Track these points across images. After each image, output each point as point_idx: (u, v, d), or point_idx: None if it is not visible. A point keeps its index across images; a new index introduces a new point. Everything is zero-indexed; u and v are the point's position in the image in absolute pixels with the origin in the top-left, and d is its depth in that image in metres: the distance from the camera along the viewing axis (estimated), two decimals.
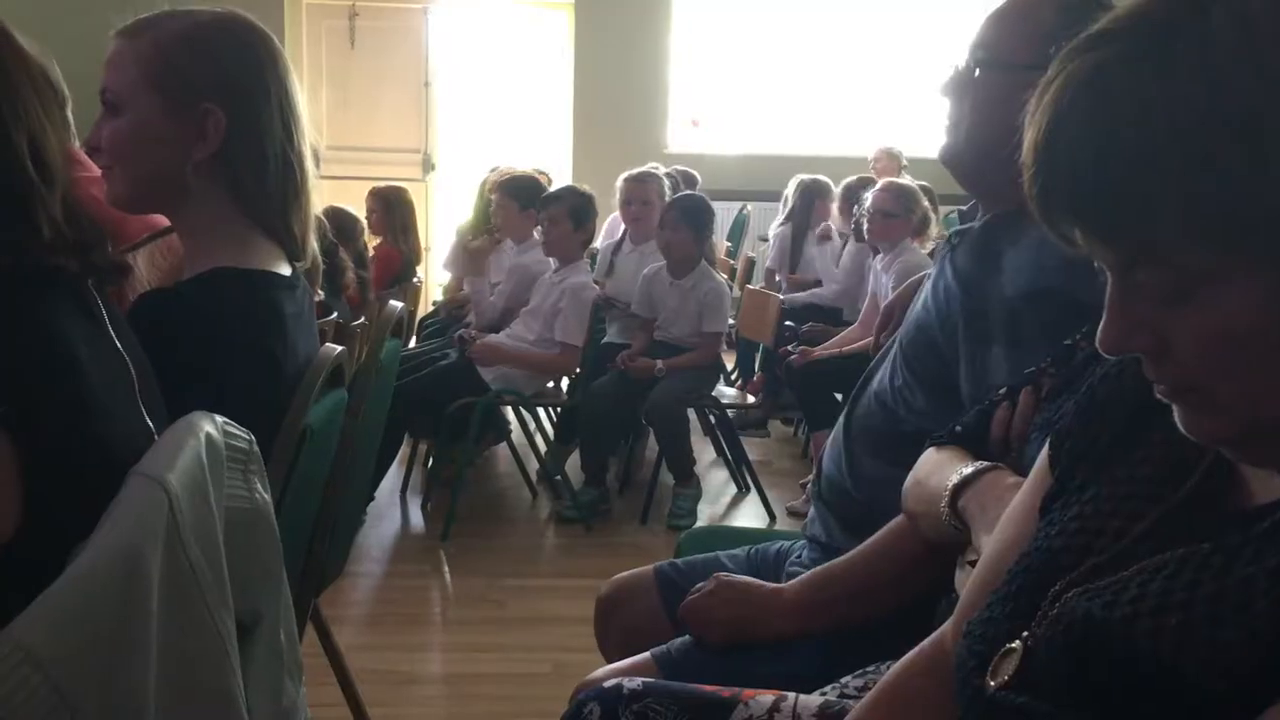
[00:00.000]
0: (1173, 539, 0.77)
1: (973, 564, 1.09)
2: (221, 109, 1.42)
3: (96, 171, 1.50)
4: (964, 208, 1.95)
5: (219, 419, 1.07)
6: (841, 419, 1.69)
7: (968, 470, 1.19)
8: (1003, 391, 1.29)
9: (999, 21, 1.52)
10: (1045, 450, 0.99)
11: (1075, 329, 1.30)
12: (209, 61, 1.43)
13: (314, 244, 1.61)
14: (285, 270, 1.50)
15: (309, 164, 1.54)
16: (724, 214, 7.07)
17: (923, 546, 1.34)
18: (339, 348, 1.50)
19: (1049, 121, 0.72)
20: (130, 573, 0.90)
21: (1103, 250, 0.74)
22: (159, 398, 1.13)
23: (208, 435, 1.03)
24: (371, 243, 5.14)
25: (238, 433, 1.10)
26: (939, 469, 1.24)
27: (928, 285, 1.63)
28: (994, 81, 1.48)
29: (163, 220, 1.69)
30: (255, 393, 1.32)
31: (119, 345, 1.06)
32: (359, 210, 5.17)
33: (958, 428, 1.31)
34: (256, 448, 1.12)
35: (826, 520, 1.65)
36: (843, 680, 1.28)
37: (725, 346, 4.53)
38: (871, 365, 1.70)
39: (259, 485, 1.12)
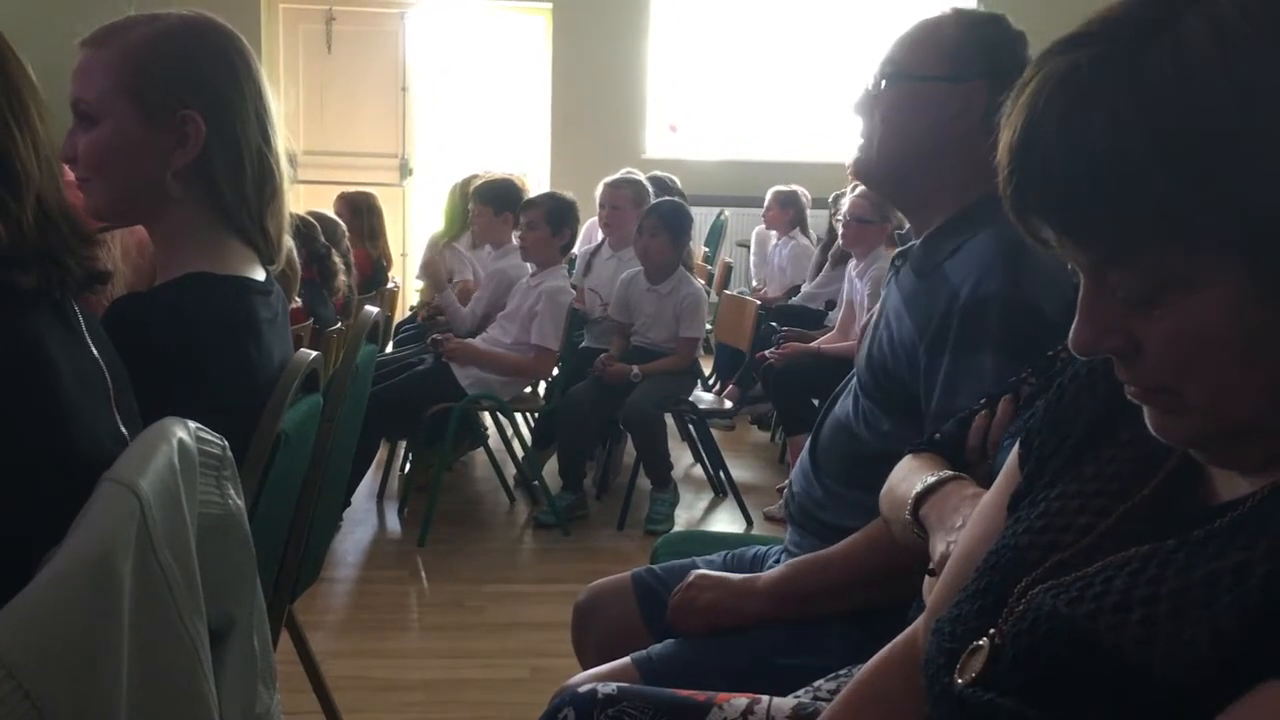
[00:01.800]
0: (1138, 535, 0.78)
1: (932, 572, 1.10)
2: (200, 114, 1.40)
3: (71, 177, 1.49)
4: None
5: (192, 424, 1.06)
6: (806, 447, 1.72)
7: (931, 479, 1.20)
8: (983, 400, 1.30)
9: (906, 40, 1.59)
10: (1016, 449, 1.00)
11: (1023, 330, 1.32)
12: (183, 66, 1.41)
13: (289, 246, 1.60)
14: (260, 275, 1.49)
15: (284, 165, 1.53)
16: (702, 219, 7.10)
17: (898, 549, 1.35)
18: (314, 353, 1.49)
19: (1024, 122, 0.73)
20: (102, 578, 0.89)
21: (1075, 251, 0.74)
22: (133, 404, 1.12)
23: (180, 441, 1.02)
24: None
25: (210, 438, 1.09)
26: (909, 476, 1.26)
27: (878, 314, 1.66)
28: (901, 93, 1.56)
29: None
30: (229, 398, 1.31)
31: (95, 352, 1.05)
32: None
33: (937, 435, 1.32)
34: (230, 453, 1.12)
35: (800, 539, 1.67)
36: (815, 684, 1.29)
37: (702, 352, 4.54)
38: (833, 395, 1.72)
39: (232, 491, 1.12)
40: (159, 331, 1.32)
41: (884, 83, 1.57)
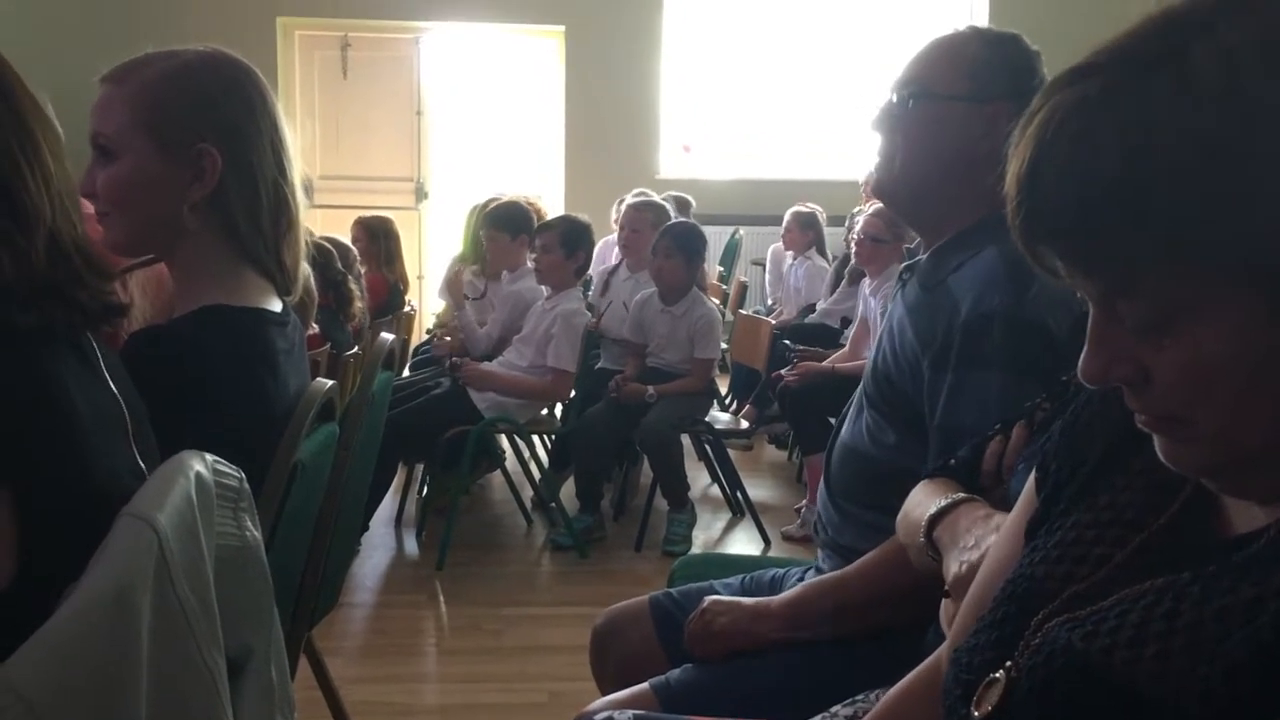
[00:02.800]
0: (1153, 567, 0.78)
1: (947, 595, 1.10)
2: (217, 148, 1.42)
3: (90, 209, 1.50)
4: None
5: (209, 457, 1.07)
6: (822, 475, 1.72)
7: (944, 502, 1.20)
8: (998, 425, 1.30)
9: (926, 58, 1.58)
10: (1033, 474, 0.99)
11: (1028, 347, 1.32)
12: (200, 101, 1.43)
13: (306, 274, 1.61)
14: (276, 306, 1.51)
15: (300, 196, 1.55)
16: (717, 238, 7.11)
17: (915, 569, 1.35)
18: (329, 382, 1.50)
19: (1032, 153, 0.73)
20: (120, 613, 0.90)
21: (1084, 280, 0.75)
22: (151, 438, 1.13)
23: (197, 474, 1.03)
24: None
25: (228, 470, 1.10)
26: (924, 501, 1.26)
27: (884, 325, 1.66)
28: (926, 112, 1.55)
29: None
30: (246, 429, 1.32)
31: (112, 387, 1.06)
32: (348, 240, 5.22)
33: (952, 460, 1.32)
34: (246, 485, 1.13)
35: (827, 563, 1.67)
36: (833, 709, 1.29)
37: (718, 371, 4.54)
38: (840, 418, 1.72)
39: (249, 523, 1.13)
40: (176, 364, 1.33)
41: (909, 102, 1.56)
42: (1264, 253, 0.67)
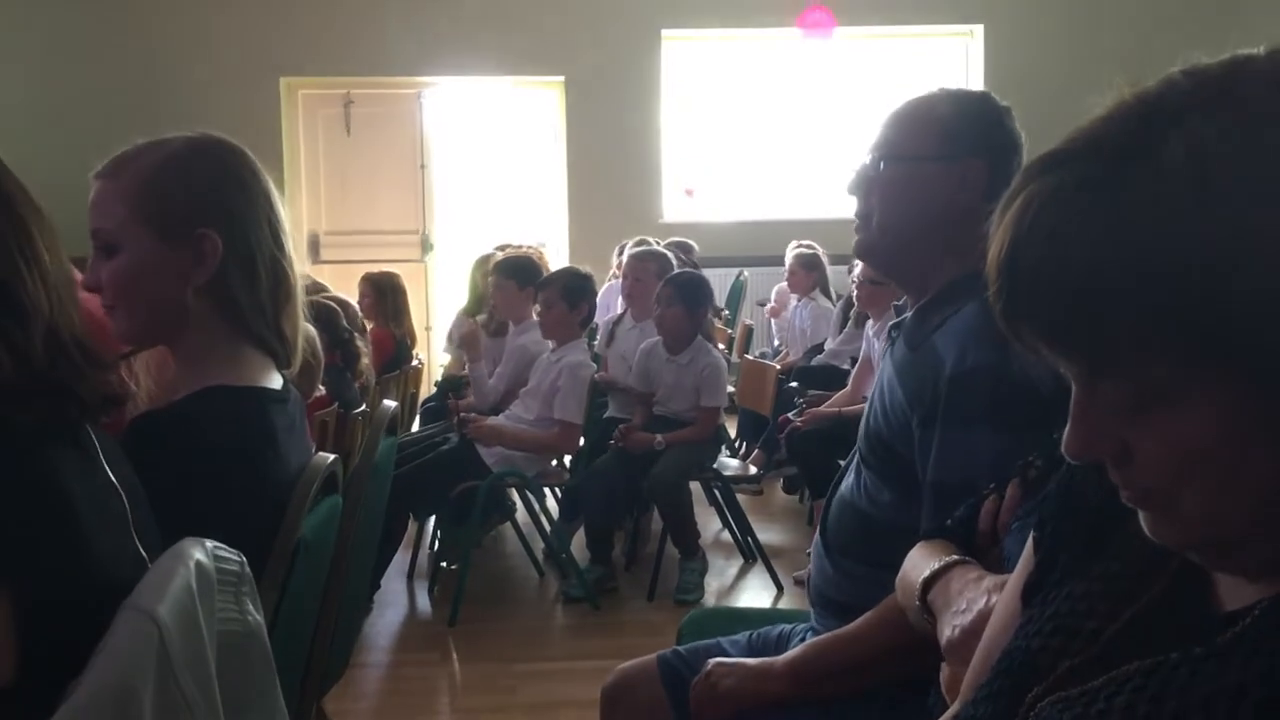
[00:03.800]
0: (1144, 643, 0.78)
1: (943, 659, 1.10)
2: (215, 231, 1.44)
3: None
4: None
5: (209, 544, 1.09)
6: (818, 529, 1.72)
7: (936, 565, 1.21)
8: (992, 484, 1.31)
9: (898, 121, 1.63)
10: (1032, 535, 1.00)
11: (1013, 402, 1.33)
12: (194, 187, 1.46)
13: (312, 336, 1.63)
14: (276, 383, 1.53)
15: (296, 266, 1.57)
16: (721, 280, 7.14)
17: (915, 631, 1.36)
18: (331, 457, 1.52)
19: (1010, 239, 0.74)
20: (123, 708, 0.91)
21: (1065, 363, 0.76)
22: (153, 524, 1.14)
23: (198, 563, 1.04)
24: (364, 327, 5.20)
25: (229, 555, 1.11)
26: (919, 563, 1.26)
27: (874, 384, 1.67)
28: (899, 173, 1.59)
29: None
30: (248, 510, 1.34)
31: (112, 477, 1.08)
32: (353, 295, 5.27)
33: (949, 521, 1.33)
34: (248, 569, 1.14)
35: (821, 621, 1.67)
36: None
37: (724, 414, 4.54)
38: (838, 474, 1.73)
39: (251, 606, 1.14)
40: (177, 448, 1.35)
41: (881, 164, 1.60)
42: (1238, 344, 0.68)
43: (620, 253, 6.38)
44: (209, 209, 1.45)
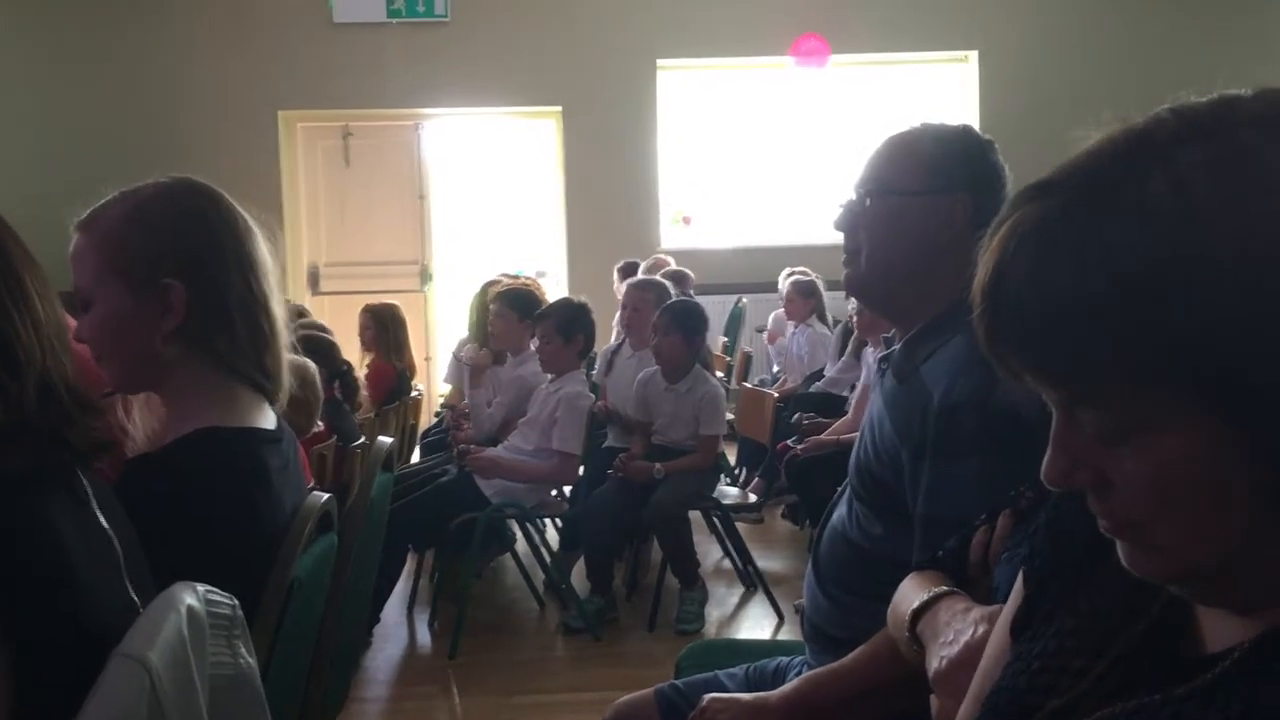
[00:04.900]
0: (1129, 682, 0.78)
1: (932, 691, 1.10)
2: (179, 280, 1.44)
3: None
4: None
5: (201, 588, 1.09)
6: (810, 560, 1.73)
7: (925, 597, 1.21)
8: (983, 516, 1.31)
9: (882, 157, 1.65)
10: (1022, 569, 1.00)
11: (1002, 433, 1.33)
12: (158, 237, 1.46)
13: (313, 372, 1.63)
14: (269, 422, 1.53)
15: (276, 310, 1.56)
16: (720, 308, 7.15)
17: (908, 663, 1.36)
18: (325, 496, 1.52)
19: (995, 267, 0.75)
20: None
21: (1046, 389, 0.76)
22: (145, 567, 1.15)
23: (189, 608, 1.05)
24: (364, 359, 5.22)
25: (220, 599, 1.12)
26: (910, 594, 1.26)
27: (864, 418, 1.68)
28: (885, 208, 1.61)
29: None
30: (241, 551, 1.34)
31: (104, 523, 1.08)
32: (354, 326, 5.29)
33: (940, 552, 1.33)
34: (240, 612, 1.14)
35: (815, 655, 1.67)
36: None
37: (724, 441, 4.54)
38: (830, 504, 1.74)
39: (243, 649, 1.14)
40: (168, 491, 1.35)
41: (867, 200, 1.62)
42: (1221, 376, 0.68)
43: (618, 276, 6.45)
44: (171, 258, 1.45)
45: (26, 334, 1.04)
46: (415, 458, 5.31)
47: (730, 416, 4.75)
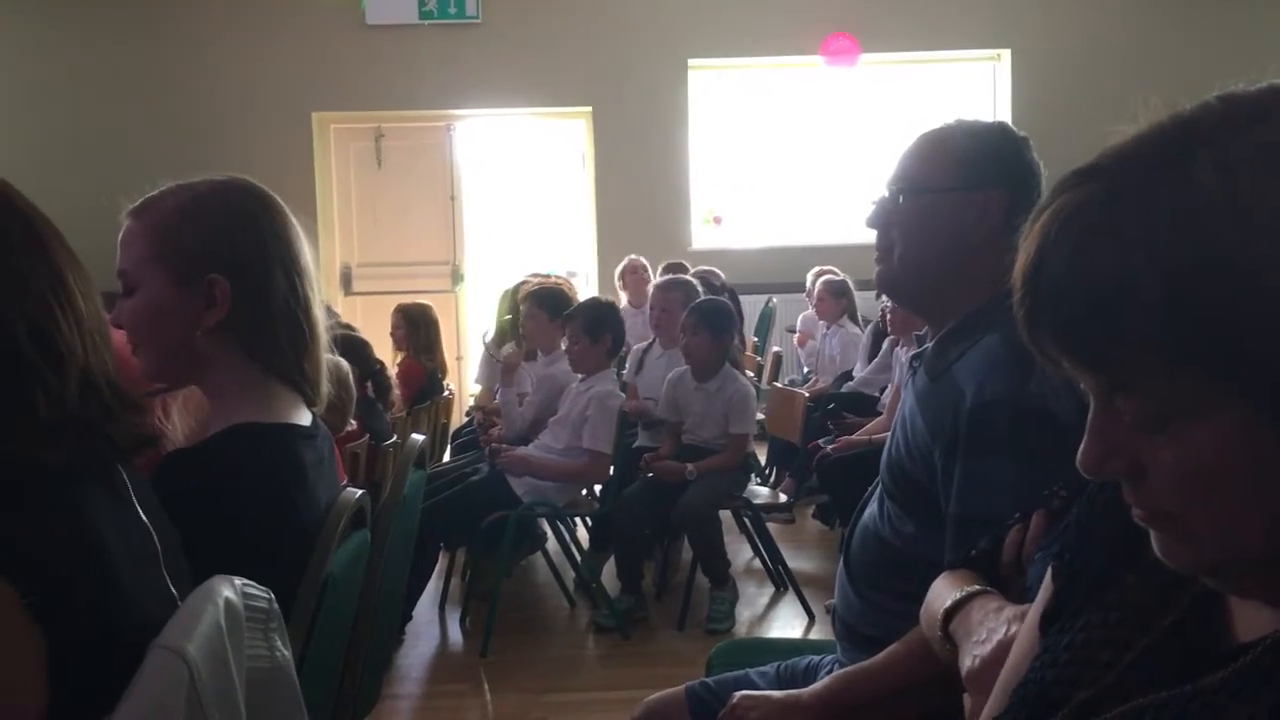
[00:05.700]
0: (1159, 673, 0.78)
1: (965, 690, 1.10)
2: (225, 277, 1.46)
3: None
4: None
5: (238, 581, 1.10)
6: (841, 559, 1.72)
7: (958, 595, 1.21)
8: (1017, 515, 1.31)
9: (914, 154, 1.64)
10: (1051, 564, 1.00)
11: (1035, 433, 1.32)
12: (209, 232, 1.48)
13: (345, 371, 1.64)
14: (305, 419, 1.55)
15: (317, 313, 1.58)
16: (751, 308, 7.14)
17: (941, 662, 1.35)
18: (358, 492, 1.53)
19: (1037, 251, 0.75)
20: None
21: (1084, 375, 0.76)
22: (183, 560, 1.17)
23: (226, 600, 1.06)
24: (395, 358, 5.25)
25: (257, 592, 1.13)
26: (943, 593, 1.26)
27: (896, 416, 1.67)
28: (918, 205, 1.60)
29: None
30: (277, 546, 1.36)
31: (143, 517, 1.10)
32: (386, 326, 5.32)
33: (974, 551, 1.33)
34: (276, 605, 1.16)
35: (846, 653, 1.67)
36: None
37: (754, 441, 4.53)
38: (861, 502, 1.73)
39: (279, 642, 1.16)
40: (205, 486, 1.37)
41: (900, 197, 1.61)
42: (1256, 364, 0.67)
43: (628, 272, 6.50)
44: (220, 254, 1.47)
45: (69, 330, 1.06)
46: (447, 457, 5.33)
47: (761, 416, 4.74)
